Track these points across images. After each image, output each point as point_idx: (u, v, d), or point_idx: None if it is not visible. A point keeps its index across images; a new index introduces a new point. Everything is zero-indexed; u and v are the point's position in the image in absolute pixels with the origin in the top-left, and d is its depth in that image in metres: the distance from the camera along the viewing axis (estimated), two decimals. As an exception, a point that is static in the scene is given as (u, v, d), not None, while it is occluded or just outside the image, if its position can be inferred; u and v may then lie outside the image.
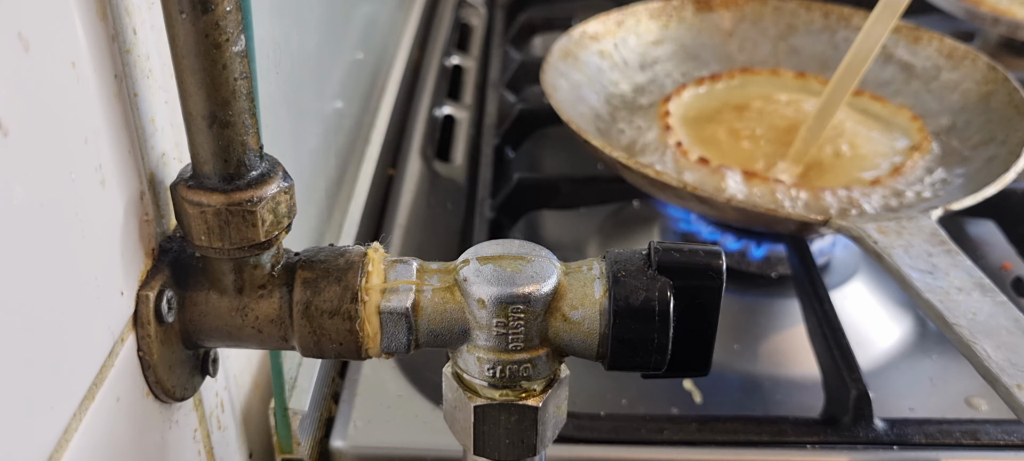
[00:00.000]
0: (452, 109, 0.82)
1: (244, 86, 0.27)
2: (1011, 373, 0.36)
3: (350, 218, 0.58)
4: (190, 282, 0.31)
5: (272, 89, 0.43)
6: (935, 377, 0.53)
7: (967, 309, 0.40)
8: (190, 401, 0.34)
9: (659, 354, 0.30)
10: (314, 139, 0.53)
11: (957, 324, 0.39)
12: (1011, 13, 0.79)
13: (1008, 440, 0.45)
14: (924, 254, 0.45)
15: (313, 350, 0.31)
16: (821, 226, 0.50)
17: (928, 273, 0.43)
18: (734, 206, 0.51)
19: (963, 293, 0.41)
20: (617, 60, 0.73)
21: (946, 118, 0.67)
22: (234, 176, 0.28)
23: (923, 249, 0.45)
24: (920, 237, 0.46)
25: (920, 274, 0.43)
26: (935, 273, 0.43)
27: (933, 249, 0.45)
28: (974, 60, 0.68)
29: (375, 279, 0.30)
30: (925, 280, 0.42)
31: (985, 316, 0.40)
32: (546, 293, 0.30)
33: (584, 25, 0.72)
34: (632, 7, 0.76)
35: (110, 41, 0.27)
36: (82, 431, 0.26)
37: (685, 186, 0.51)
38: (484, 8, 1.04)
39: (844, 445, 0.45)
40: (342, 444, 0.45)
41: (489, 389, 0.31)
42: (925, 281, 0.42)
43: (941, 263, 0.44)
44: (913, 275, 0.43)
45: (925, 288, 0.42)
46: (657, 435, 0.45)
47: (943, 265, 0.44)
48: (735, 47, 0.77)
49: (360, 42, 0.68)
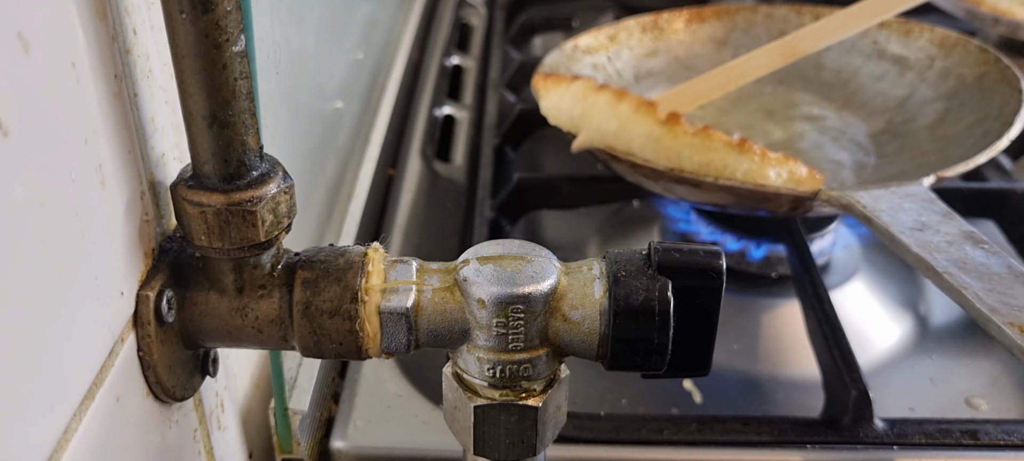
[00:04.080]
0: (452, 109, 0.82)
1: (244, 86, 0.27)
2: (1004, 313, 0.36)
3: (350, 218, 0.58)
4: (190, 282, 0.31)
5: (272, 89, 0.43)
6: (935, 377, 0.53)
7: (957, 258, 0.40)
8: (190, 401, 0.34)
9: (659, 354, 0.30)
10: (314, 139, 0.53)
11: (946, 272, 0.39)
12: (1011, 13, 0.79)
13: (1008, 440, 0.45)
14: (914, 213, 0.44)
15: (313, 350, 0.31)
16: (811, 199, 0.50)
17: (917, 230, 0.43)
18: (721, 185, 0.51)
19: (954, 246, 0.41)
20: (611, 72, 0.74)
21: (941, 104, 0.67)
22: (234, 176, 0.28)
23: (913, 210, 0.45)
24: (911, 201, 0.46)
25: (910, 231, 0.43)
26: (925, 230, 0.43)
27: (923, 210, 0.45)
28: (966, 45, 0.68)
29: (375, 279, 0.30)
30: (915, 236, 0.42)
31: (976, 265, 0.39)
32: (546, 293, 0.30)
33: (575, 39, 0.73)
34: (624, 22, 0.76)
35: (110, 41, 0.27)
36: (82, 431, 0.26)
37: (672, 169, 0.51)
38: (484, 8, 1.04)
39: (844, 445, 0.45)
40: (342, 444, 0.45)
41: (489, 389, 0.31)
42: (915, 237, 0.42)
43: (931, 221, 0.44)
44: (902, 233, 0.43)
45: (914, 243, 0.42)
46: (657, 435, 0.45)
47: (932, 222, 0.43)
48: (729, 56, 0.77)
49: (360, 42, 0.68)
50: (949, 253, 0.40)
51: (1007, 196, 0.61)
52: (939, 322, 0.58)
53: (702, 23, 0.79)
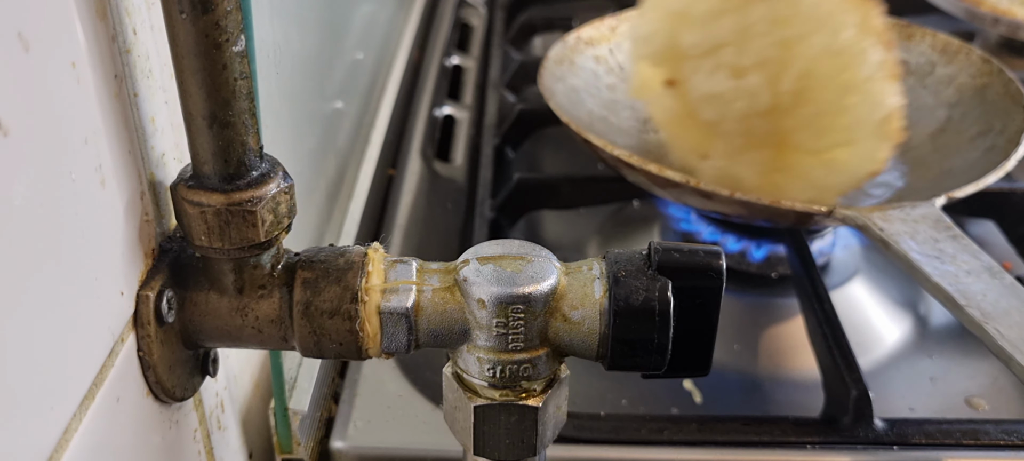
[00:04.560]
0: (452, 109, 0.82)
1: (244, 86, 0.27)
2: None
3: (350, 218, 0.58)
4: (190, 282, 0.31)
5: (272, 89, 0.43)
6: (935, 377, 0.53)
7: (977, 292, 0.40)
8: (190, 401, 0.34)
9: (659, 354, 0.30)
10: (314, 139, 0.53)
11: (968, 307, 0.39)
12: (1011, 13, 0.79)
13: (1008, 440, 0.45)
14: (930, 240, 0.45)
15: (313, 350, 0.31)
16: (826, 217, 0.50)
17: (936, 258, 0.43)
18: (738, 199, 0.50)
19: (972, 276, 0.41)
20: (612, 65, 0.73)
21: (942, 111, 0.67)
22: (234, 176, 0.28)
23: (929, 235, 0.45)
24: (925, 224, 0.46)
25: (928, 259, 0.43)
26: (942, 258, 0.43)
27: (939, 235, 0.45)
28: (968, 54, 0.68)
29: (375, 279, 0.30)
30: (933, 265, 0.43)
31: (995, 297, 0.40)
32: (546, 293, 0.30)
33: (579, 31, 0.72)
34: (626, 13, 0.76)
35: (110, 41, 0.27)
36: (82, 431, 0.26)
37: (688, 182, 0.51)
38: (484, 8, 1.04)
39: (844, 445, 0.45)
40: (342, 444, 0.45)
41: (489, 389, 0.31)
42: (934, 266, 0.43)
43: (948, 248, 0.44)
44: (921, 261, 0.43)
45: (934, 273, 0.42)
46: (657, 435, 0.45)
47: (950, 250, 0.44)
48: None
49: (360, 42, 0.68)
50: (969, 284, 0.41)
51: (1007, 196, 0.61)
52: (939, 322, 0.58)
53: None
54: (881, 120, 0.53)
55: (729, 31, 0.55)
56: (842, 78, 0.53)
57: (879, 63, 0.52)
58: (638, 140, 0.69)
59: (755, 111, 0.55)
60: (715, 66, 0.56)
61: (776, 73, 0.53)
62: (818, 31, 0.53)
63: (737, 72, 0.55)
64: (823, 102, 0.53)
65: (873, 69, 0.52)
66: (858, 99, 0.53)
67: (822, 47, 0.52)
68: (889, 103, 0.53)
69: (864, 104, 0.53)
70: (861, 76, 0.52)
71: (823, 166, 0.54)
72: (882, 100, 0.53)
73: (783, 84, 0.53)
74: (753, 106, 0.54)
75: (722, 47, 0.55)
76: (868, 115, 0.53)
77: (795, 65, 0.53)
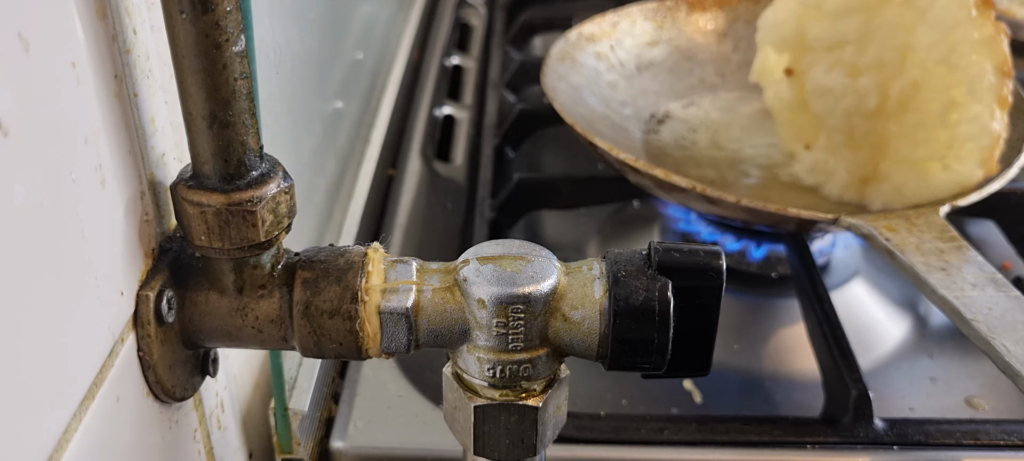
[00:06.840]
0: (452, 109, 0.82)
1: (244, 86, 0.27)
2: None
3: (350, 218, 0.58)
4: (190, 282, 0.31)
5: (272, 89, 0.43)
6: (935, 377, 0.53)
7: (983, 305, 0.40)
8: (190, 401, 0.34)
9: (659, 354, 0.30)
10: (314, 139, 0.53)
11: (974, 320, 0.40)
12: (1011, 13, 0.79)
13: (1008, 440, 0.45)
14: (935, 250, 0.45)
15: (313, 350, 0.31)
16: (831, 225, 0.50)
17: (941, 270, 0.43)
18: (743, 206, 0.50)
19: (977, 289, 0.42)
20: (613, 61, 0.73)
21: None
22: (234, 176, 0.28)
23: (934, 245, 0.45)
24: (930, 233, 0.46)
25: (933, 271, 0.43)
26: (948, 269, 0.43)
27: (944, 245, 0.45)
28: None
29: (375, 279, 0.30)
30: (939, 277, 0.43)
31: (1001, 311, 0.40)
32: (546, 293, 0.30)
33: (580, 26, 0.72)
34: (626, 8, 0.76)
35: (110, 41, 0.27)
36: (82, 431, 0.26)
37: (694, 187, 0.51)
38: (484, 8, 1.04)
39: (844, 445, 0.45)
40: (342, 444, 0.45)
41: (489, 389, 0.31)
42: (939, 278, 0.43)
43: (953, 259, 0.44)
44: (927, 272, 0.43)
45: (940, 285, 0.42)
46: (657, 435, 0.45)
47: (955, 261, 0.44)
48: (729, 47, 0.77)
49: (360, 42, 0.68)
50: (974, 297, 0.41)
51: (1007, 196, 0.61)
52: (939, 322, 0.58)
53: (705, 12, 0.78)
54: (981, 145, 0.53)
55: (854, 29, 0.56)
56: (950, 93, 0.52)
57: (990, 87, 0.52)
58: (639, 137, 0.69)
59: (861, 111, 0.56)
60: (834, 62, 0.57)
61: (888, 77, 0.54)
62: (939, 43, 0.53)
63: (853, 71, 0.56)
64: (926, 113, 0.53)
65: (983, 92, 0.52)
66: (961, 117, 0.52)
67: (938, 58, 0.53)
68: (992, 129, 0.52)
69: (967, 124, 0.53)
70: (969, 95, 0.52)
71: (916, 177, 0.54)
72: (986, 125, 0.52)
73: (893, 89, 0.54)
74: (860, 106, 0.55)
75: (844, 44, 0.56)
76: (968, 136, 0.53)
77: (908, 73, 0.53)
